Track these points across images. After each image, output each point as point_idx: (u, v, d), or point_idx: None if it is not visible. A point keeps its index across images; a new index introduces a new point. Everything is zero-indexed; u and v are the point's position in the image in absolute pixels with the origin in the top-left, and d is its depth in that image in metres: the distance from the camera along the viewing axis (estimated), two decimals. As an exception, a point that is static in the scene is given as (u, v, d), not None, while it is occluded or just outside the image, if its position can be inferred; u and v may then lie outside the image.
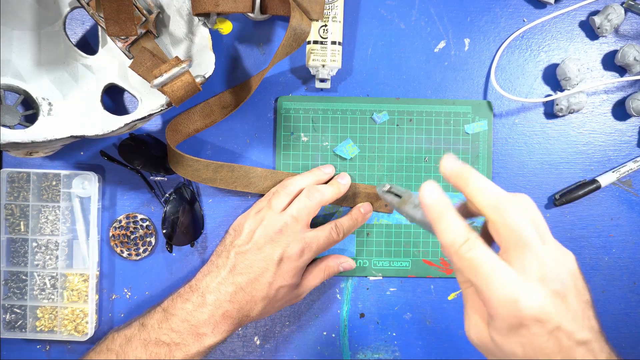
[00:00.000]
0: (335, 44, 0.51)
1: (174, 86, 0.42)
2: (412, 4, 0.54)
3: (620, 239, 0.55)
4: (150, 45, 0.48)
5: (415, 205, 0.38)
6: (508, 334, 0.31)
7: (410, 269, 0.55)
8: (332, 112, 0.54)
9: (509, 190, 0.55)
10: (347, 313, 0.55)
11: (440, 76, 0.55)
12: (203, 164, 0.50)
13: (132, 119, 0.43)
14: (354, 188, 0.54)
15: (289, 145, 0.54)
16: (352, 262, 0.54)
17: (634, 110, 0.53)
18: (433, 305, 0.55)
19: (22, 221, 0.52)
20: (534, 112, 0.55)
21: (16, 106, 0.49)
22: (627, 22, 0.55)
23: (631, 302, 0.55)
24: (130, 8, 0.45)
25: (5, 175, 0.52)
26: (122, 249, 0.54)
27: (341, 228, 0.51)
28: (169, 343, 0.45)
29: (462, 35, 0.55)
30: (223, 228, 0.55)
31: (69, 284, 0.53)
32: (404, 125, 0.55)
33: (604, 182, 0.54)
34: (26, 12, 0.48)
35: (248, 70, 0.54)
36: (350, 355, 0.55)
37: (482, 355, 0.37)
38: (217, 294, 0.47)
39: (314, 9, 0.50)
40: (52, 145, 0.44)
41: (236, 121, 0.54)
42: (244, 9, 0.48)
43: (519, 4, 0.55)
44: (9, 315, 0.52)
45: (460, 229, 0.32)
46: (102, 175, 0.54)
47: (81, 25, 0.54)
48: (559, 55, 0.55)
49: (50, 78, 0.50)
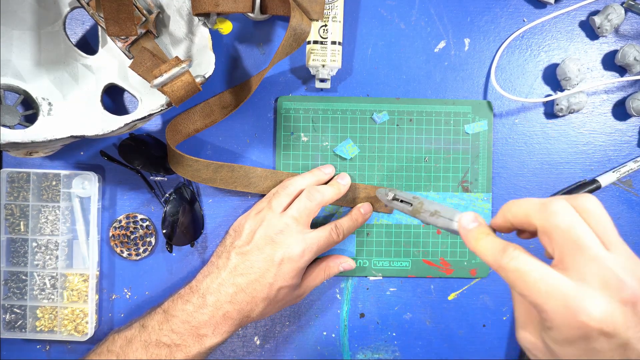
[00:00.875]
0: (335, 44, 0.51)
1: (174, 86, 0.42)
2: (412, 4, 0.54)
3: (620, 239, 0.55)
4: (150, 45, 0.48)
5: (431, 213, 0.38)
6: (567, 344, 0.28)
7: (410, 269, 0.55)
8: (332, 112, 0.54)
9: (509, 190, 0.55)
10: (347, 313, 0.55)
11: (440, 76, 0.55)
12: (203, 164, 0.50)
13: (132, 119, 0.43)
14: (354, 188, 0.54)
15: (289, 145, 0.54)
16: (352, 262, 0.54)
17: (634, 110, 0.53)
18: (433, 305, 0.55)
19: (22, 221, 0.52)
20: (534, 112, 0.55)
21: (16, 106, 0.49)
22: (627, 22, 0.55)
23: (631, 302, 0.55)
24: (130, 8, 0.45)
25: (5, 175, 0.52)
26: (122, 249, 0.54)
27: (341, 228, 0.51)
28: (169, 344, 0.45)
29: (462, 35, 0.55)
30: (223, 228, 0.55)
31: (69, 284, 0.53)
32: (404, 125, 0.55)
33: (604, 182, 0.54)
34: (26, 12, 0.48)
35: (248, 70, 0.54)
36: (350, 355, 0.55)
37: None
38: (218, 295, 0.47)
39: (314, 9, 0.50)
40: (52, 145, 0.44)
41: (236, 121, 0.54)
42: (244, 9, 0.48)
43: (519, 4, 0.55)
44: (9, 315, 0.52)
45: (497, 243, 0.31)
46: (102, 175, 0.54)
47: (81, 25, 0.54)
48: (559, 55, 0.55)
49: (50, 78, 0.50)
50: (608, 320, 0.26)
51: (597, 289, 0.27)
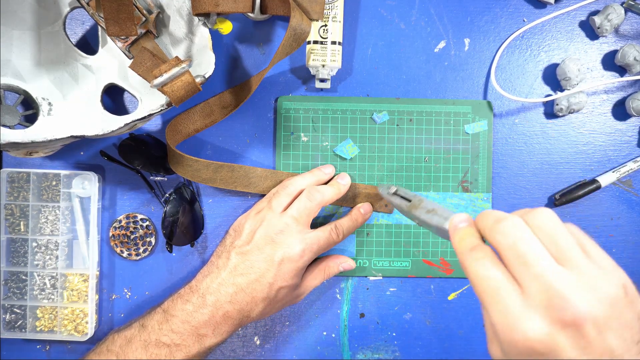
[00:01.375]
0: (335, 44, 0.51)
1: (174, 86, 0.42)
2: (412, 4, 0.54)
3: (620, 239, 0.55)
4: (150, 45, 0.48)
5: (428, 211, 0.37)
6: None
7: (410, 269, 0.55)
8: (332, 112, 0.54)
9: (509, 190, 0.55)
10: (347, 313, 0.55)
11: (440, 76, 0.55)
12: (203, 164, 0.50)
13: (132, 119, 0.43)
14: (354, 188, 0.54)
15: (289, 145, 0.54)
16: (352, 262, 0.54)
17: (634, 110, 0.53)
18: (433, 305, 0.55)
19: (22, 221, 0.52)
20: (534, 112, 0.55)
21: (16, 106, 0.49)
22: (627, 22, 0.55)
23: (631, 302, 0.55)
24: (130, 8, 0.45)
25: (5, 175, 0.52)
26: (122, 249, 0.54)
27: (341, 229, 0.51)
28: (169, 344, 0.45)
29: (462, 35, 0.55)
30: (223, 228, 0.55)
31: (69, 284, 0.53)
32: (404, 125, 0.55)
33: (604, 182, 0.54)
34: (26, 12, 0.48)
35: (248, 70, 0.54)
36: (350, 355, 0.55)
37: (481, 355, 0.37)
38: (218, 294, 0.47)
39: (314, 9, 0.50)
40: (52, 145, 0.44)
41: (236, 121, 0.54)
42: (244, 9, 0.48)
43: (519, 4, 0.55)
44: (9, 315, 0.52)
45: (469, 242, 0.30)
46: (102, 175, 0.54)
47: (81, 25, 0.54)
48: (559, 55, 0.55)
49: (50, 78, 0.50)
50: (544, 341, 0.25)
51: (539, 308, 0.26)
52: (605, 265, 0.27)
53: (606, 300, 0.26)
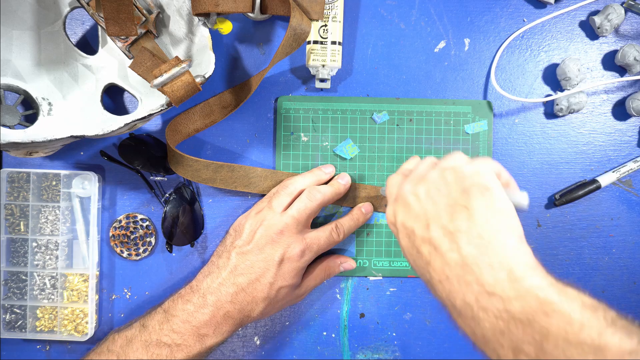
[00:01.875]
0: (335, 44, 0.51)
1: (174, 86, 0.42)
2: (412, 4, 0.54)
3: (620, 239, 0.55)
4: (150, 45, 0.48)
5: None
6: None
7: (410, 269, 0.55)
8: (332, 112, 0.54)
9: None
10: (347, 313, 0.55)
11: (440, 76, 0.55)
12: (203, 164, 0.50)
13: (132, 119, 0.43)
14: (354, 188, 0.54)
15: (289, 145, 0.54)
16: (352, 262, 0.54)
17: (634, 110, 0.53)
18: (433, 305, 0.55)
19: (22, 221, 0.52)
20: (534, 112, 0.55)
21: (16, 106, 0.49)
22: (627, 22, 0.55)
23: (631, 302, 0.55)
24: (130, 8, 0.45)
25: (5, 175, 0.52)
26: (122, 249, 0.54)
27: (342, 228, 0.51)
28: (170, 344, 0.45)
29: (462, 35, 0.55)
30: (223, 228, 0.55)
31: (69, 284, 0.53)
32: (404, 125, 0.55)
33: (604, 182, 0.54)
34: (26, 12, 0.48)
35: (248, 70, 0.54)
36: (350, 355, 0.55)
37: (481, 355, 0.37)
38: (218, 294, 0.47)
39: (314, 9, 0.50)
40: (52, 145, 0.44)
41: (236, 121, 0.54)
42: (244, 9, 0.48)
43: (519, 4, 0.55)
44: (9, 315, 0.52)
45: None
46: (102, 175, 0.54)
47: (81, 25, 0.54)
48: (559, 55, 0.55)
49: (50, 78, 0.50)
50: (389, 216, 0.42)
51: (391, 202, 0.42)
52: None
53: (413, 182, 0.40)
